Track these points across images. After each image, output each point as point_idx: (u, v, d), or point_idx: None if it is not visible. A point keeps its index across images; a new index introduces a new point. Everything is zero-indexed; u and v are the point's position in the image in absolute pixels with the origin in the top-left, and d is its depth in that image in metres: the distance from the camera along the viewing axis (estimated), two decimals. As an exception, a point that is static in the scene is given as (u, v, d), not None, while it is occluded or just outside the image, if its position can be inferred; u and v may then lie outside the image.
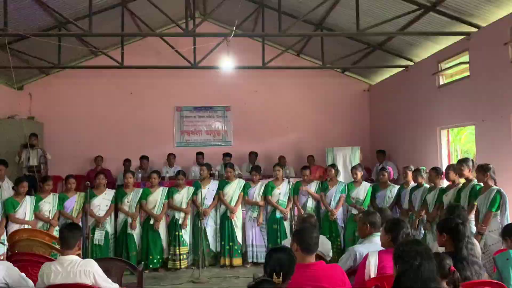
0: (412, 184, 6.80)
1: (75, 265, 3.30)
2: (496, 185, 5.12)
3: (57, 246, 4.77)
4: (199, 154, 9.70)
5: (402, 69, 8.81)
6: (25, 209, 6.24)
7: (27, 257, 4.02)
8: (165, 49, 9.72)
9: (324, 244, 4.28)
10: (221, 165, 9.44)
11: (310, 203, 7.28)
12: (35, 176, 7.84)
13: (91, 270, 3.31)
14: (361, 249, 3.79)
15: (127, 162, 9.50)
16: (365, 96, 10.82)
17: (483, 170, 5.20)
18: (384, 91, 9.97)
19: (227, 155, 9.46)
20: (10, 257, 4.06)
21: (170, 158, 9.67)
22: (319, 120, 10.58)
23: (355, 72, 10.63)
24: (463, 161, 5.69)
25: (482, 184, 5.30)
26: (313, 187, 7.35)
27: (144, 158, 9.56)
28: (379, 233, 3.87)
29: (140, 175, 8.90)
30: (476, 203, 5.32)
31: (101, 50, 8.35)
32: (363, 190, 7.17)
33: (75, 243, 3.48)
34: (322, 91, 10.64)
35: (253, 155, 9.91)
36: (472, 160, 5.73)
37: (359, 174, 7.24)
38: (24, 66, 8.51)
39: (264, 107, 10.55)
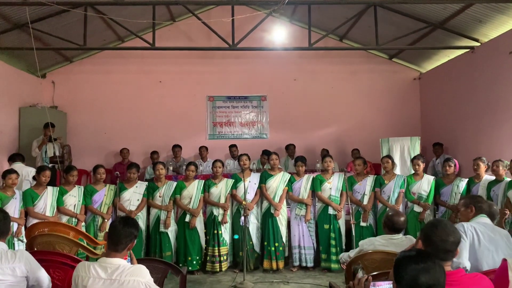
0: (487, 177, 5.87)
1: (123, 272, 2.52)
2: None
3: (85, 244, 4.00)
4: (233, 146, 8.90)
5: (464, 51, 7.82)
6: (45, 202, 5.52)
7: (48, 256, 3.24)
8: (197, 32, 9.04)
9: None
10: (258, 160, 8.64)
11: (366, 201, 6.37)
12: (58, 168, 7.12)
13: (143, 280, 2.54)
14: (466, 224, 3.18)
15: (154, 154, 8.78)
16: (415, 84, 9.84)
17: None
18: (439, 79, 8.97)
19: (266, 152, 8.54)
20: (28, 256, 3.28)
21: (202, 151, 8.89)
22: (363, 111, 9.67)
23: (404, 59, 9.67)
24: None
25: None
26: (368, 181, 6.44)
27: (176, 146, 8.84)
28: (485, 215, 3.30)
29: (171, 168, 8.15)
30: None
31: (129, 30, 7.56)
32: (426, 183, 6.24)
33: (128, 245, 2.69)
34: (367, 79, 9.73)
35: (291, 147, 9.06)
36: None
37: (422, 165, 6.31)
38: (46, 48, 7.80)
39: (304, 97, 9.70)
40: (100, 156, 9.20)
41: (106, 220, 5.90)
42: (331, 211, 6.25)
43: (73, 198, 5.77)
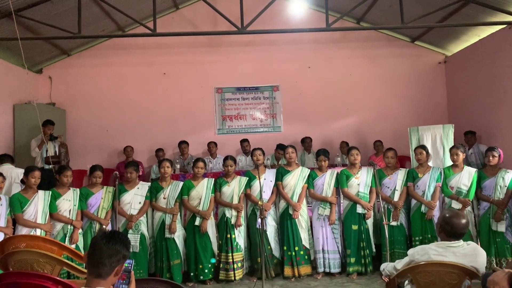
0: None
1: None
2: None
3: (71, 263, 3.32)
4: (244, 141, 8.19)
5: (499, 28, 7.03)
6: (36, 207, 4.86)
7: (24, 278, 2.58)
8: (203, 18, 8.37)
9: (479, 256, 2.77)
10: (272, 156, 7.95)
11: (396, 197, 5.64)
12: (54, 169, 6.48)
13: None
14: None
15: (159, 152, 8.13)
16: (440, 69, 9.05)
17: None
18: (468, 61, 8.17)
19: (280, 147, 7.80)
20: None
21: (211, 147, 8.22)
22: (385, 99, 8.92)
23: (428, 41, 8.89)
24: None
25: None
26: (399, 175, 5.71)
27: (183, 143, 8.18)
28: None
29: (178, 166, 7.49)
30: None
31: (129, 16, 6.89)
32: (466, 176, 5.50)
33: (114, 267, 2.02)
34: (388, 65, 8.98)
35: (307, 140, 8.34)
36: None
37: (461, 156, 5.56)
38: (34, 37, 7.13)
39: (319, 86, 8.96)
40: (102, 155, 8.58)
41: (104, 226, 5.24)
42: (359, 209, 5.53)
43: (68, 203, 5.12)
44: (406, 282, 3.05)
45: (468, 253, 2.80)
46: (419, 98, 8.88)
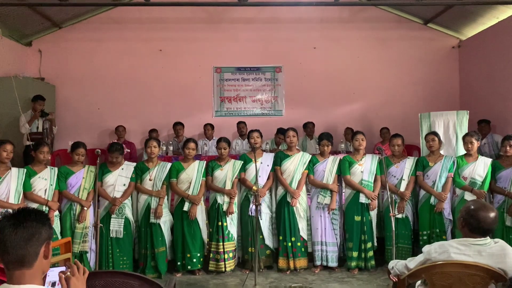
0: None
1: None
2: None
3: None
4: (241, 123, 7.72)
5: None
6: (8, 186, 4.43)
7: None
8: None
9: (508, 256, 2.30)
10: (272, 140, 7.49)
11: (403, 187, 5.17)
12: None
13: None
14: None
15: (153, 133, 7.67)
16: (454, 54, 8.49)
17: None
18: (485, 45, 7.63)
19: (281, 131, 7.30)
20: None
21: (208, 130, 7.76)
22: (394, 84, 8.39)
23: (442, 24, 8.33)
24: None
25: None
26: (407, 164, 5.24)
27: (178, 124, 7.73)
28: None
29: (171, 148, 7.05)
30: None
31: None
32: (481, 167, 5.03)
33: (38, 251, 1.61)
34: (399, 48, 8.43)
35: (310, 126, 7.86)
36: None
37: (476, 144, 5.08)
38: (16, 3, 6.61)
39: (324, 68, 8.42)
40: (93, 135, 8.14)
41: (85, 208, 4.80)
42: (362, 199, 5.06)
43: (44, 181, 4.67)
44: (419, 283, 2.59)
45: (496, 253, 2.33)
46: (430, 84, 8.35)
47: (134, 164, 5.14)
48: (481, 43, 7.77)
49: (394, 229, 4.68)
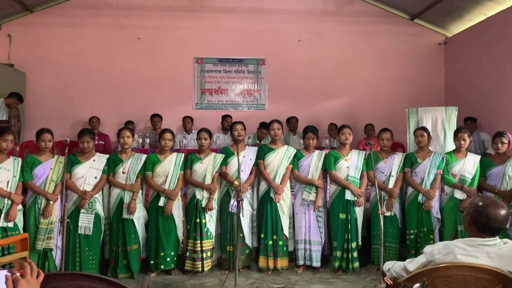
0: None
1: None
2: None
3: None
4: (227, 117, 7.39)
5: (509, 6, 6.37)
6: (-35, 177, 4.03)
7: None
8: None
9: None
10: (254, 135, 7.21)
11: (391, 184, 4.96)
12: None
13: None
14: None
15: (129, 125, 7.27)
16: (439, 50, 8.36)
17: None
18: (471, 42, 7.51)
19: (264, 125, 7.01)
20: None
21: (187, 122, 7.43)
22: (379, 80, 8.20)
23: (428, 20, 8.18)
24: None
25: None
26: (396, 160, 5.03)
27: (156, 116, 7.40)
28: None
29: (148, 140, 6.70)
30: None
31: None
32: (471, 163, 4.87)
33: None
34: (385, 43, 8.25)
35: (293, 120, 7.61)
36: None
37: (468, 141, 4.91)
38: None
39: (309, 62, 8.18)
40: (66, 126, 7.68)
41: (51, 202, 4.42)
42: (348, 196, 4.82)
43: (6, 172, 4.28)
44: (417, 285, 2.35)
45: (506, 254, 2.10)
46: (415, 80, 8.20)
47: (107, 156, 4.79)
48: (468, 40, 7.66)
49: (382, 227, 4.46)
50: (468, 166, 4.85)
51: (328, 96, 8.20)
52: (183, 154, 4.92)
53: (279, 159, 4.94)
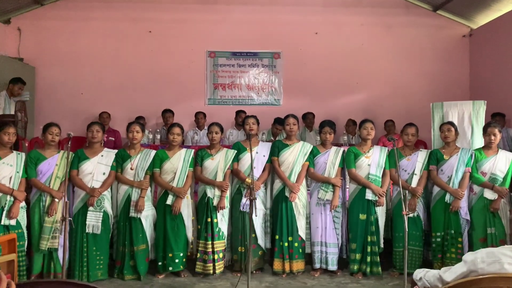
0: None
1: None
2: None
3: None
4: (241, 112, 7.12)
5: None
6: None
7: None
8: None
9: None
10: (268, 131, 6.94)
11: (415, 183, 4.63)
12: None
13: None
14: None
15: (140, 120, 7.04)
16: (464, 43, 7.97)
17: None
18: (498, 34, 7.11)
19: (278, 121, 6.73)
20: None
21: (199, 118, 7.20)
22: (400, 74, 7.86)
23: (452, 11, 7.80)
24: None
25: None
26: (419, 157, 4.70)
27: (167, 111, 7.18)
28: None
29: (159, 136, 6.49)
30: None
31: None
32: (503, 161, 4.51)
33: None
34: (406, 35, 7.90)
35: (309, 116, 7.31)
36: None
37: (499, 136, 4.55)
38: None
39: (326, 55, 7.87)
40: (75, 121, 7.45)
41: (57, 200, 4.22)
42: (369, 195, 4.51)
43: (9, 168, 4.09)
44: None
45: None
46: (438, 75, 7.83)
47: (115, 151, 4.58)
48: (494, 32, 7.26)
49: (406, 229, 4.13)
50: (500, 163, 4.50)
51: (346, 91, 7.88)
52: (193, 150, 4.68)
53: (295, 155, 4.66)
